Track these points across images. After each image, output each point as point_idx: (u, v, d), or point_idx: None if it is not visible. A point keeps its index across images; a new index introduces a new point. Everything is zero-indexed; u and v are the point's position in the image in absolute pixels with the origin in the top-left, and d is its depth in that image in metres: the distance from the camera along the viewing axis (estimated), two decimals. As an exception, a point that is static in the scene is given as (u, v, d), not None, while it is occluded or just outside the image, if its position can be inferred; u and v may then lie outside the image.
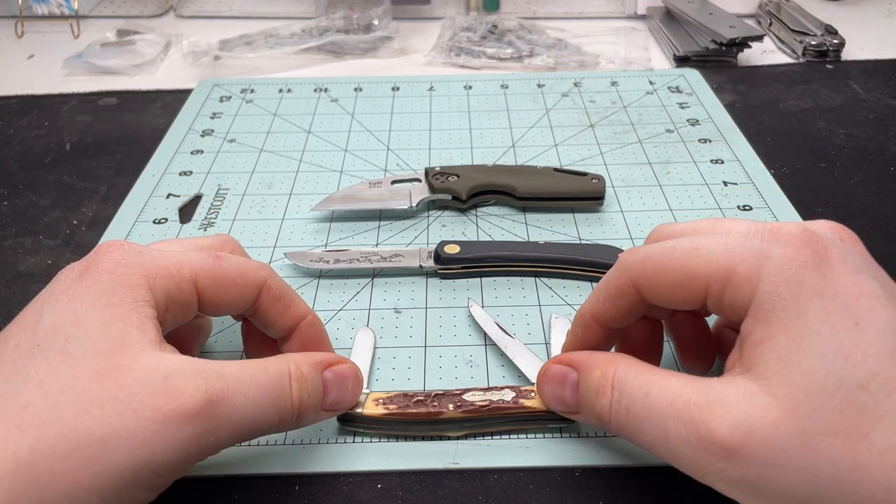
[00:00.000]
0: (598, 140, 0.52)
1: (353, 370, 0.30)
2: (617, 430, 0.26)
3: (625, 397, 0.25)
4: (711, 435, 0.22)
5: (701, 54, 0.63)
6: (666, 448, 0.24)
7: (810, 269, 0.23)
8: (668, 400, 0.24)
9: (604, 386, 0.26)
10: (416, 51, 0.68)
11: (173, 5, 0.76)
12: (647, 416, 0.24)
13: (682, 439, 0.23)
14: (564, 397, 0.28)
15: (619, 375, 0.26)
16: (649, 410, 0.24)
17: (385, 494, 0.29)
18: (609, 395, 0.26)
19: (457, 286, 0.39)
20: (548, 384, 0.29)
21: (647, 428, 0.24)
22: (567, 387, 0.28)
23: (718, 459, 0.22)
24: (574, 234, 0.43)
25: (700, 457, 0.23)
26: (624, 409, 0.25)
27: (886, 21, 0.72)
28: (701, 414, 0.23)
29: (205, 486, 0.29)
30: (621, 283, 0.27)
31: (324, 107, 0.57)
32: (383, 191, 0.45)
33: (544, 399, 0.29)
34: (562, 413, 0.29)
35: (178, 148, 0.52)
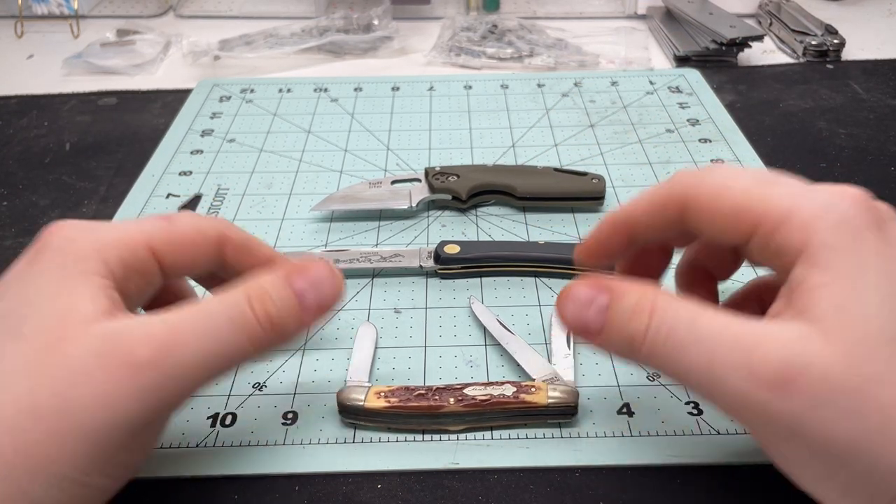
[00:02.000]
0: (598, 140, 0.52)
1: (324, 267, 0.27)
2: (648, 354, 0.24)
3: (668, 320, 0.24)
4: (765, 364, 0.22)
5: (701, 54, 0.63)
6: (707, 376, 0.23)
7: (872, 230, 0.23)
8: (717, 328, 0.23)
9: (641, 309, 0.24)
10: (416, 51, 0.68)
11: (173, 5, 0.76)
12: (692, 342, 0.23)
13: (729, 365, 0.22)
14: (587, 318, 0.25)
15: (661, 302, 0.24)
16: (696, 336, 0.23)
17: (385, 494, 0.29)
18: (647, 318, 0.24)
19: (457, 286, 0.39)
20: (571, 303, 0.25)
21: (689, 353, 0.23)
22: (593, 308, 0.25)
23: (767, 389, 0.22)
24: (574, 234, 0.43)
25: (747, 385, 0.22)
26: (664, 334, 0.23)
27: (886, 21, 0.72)
28: (755, 341, 0.22)
29: (205, 486, 0.29)
30: (671, 194, 0.27)
31: (324, 107, 0.57)
32: (383, 191, 0.45)
33: (562, 315, 0.26)
34: (577, 334, 0.26)
35: (178, 148, 0.52)
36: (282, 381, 0.34)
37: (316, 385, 0.34)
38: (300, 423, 0.32)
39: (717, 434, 0.31)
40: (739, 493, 0.29)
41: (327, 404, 0.32)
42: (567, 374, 0.32)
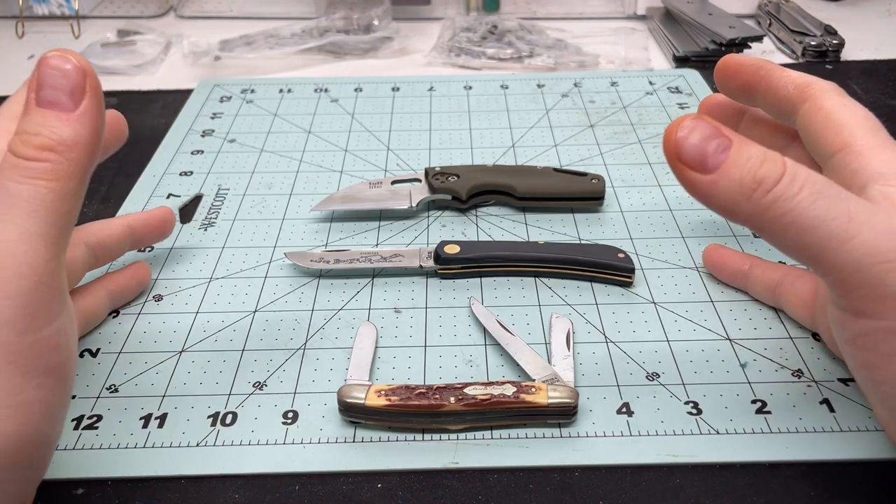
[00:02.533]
0: (598, 140, 0.52)
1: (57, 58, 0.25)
2: (772, 200, 0.23)
3: (802, 173, 0.23)
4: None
5: (701, 55, 0.63)
6: (842, 227, 0.23)
7: None
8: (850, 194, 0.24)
9: (775, 158, 0.24)
10: (416, 51, 0.68)
11: (173, 5, 0.76)
12: (831, 196, 0.23)
13: (869, 223, 0.23)
14: (706, 150, 0.24)
15: (790, 160, 0.24)
16: (837, 193, 0.23)
17: (385, 494, 0.29)
18: (781, 167, 0.23)
19: (457, 286, 0.39)
20: (695, 131, 0.24)
21: (825, 205, 0.23)
22: (716, 144, 0.24)
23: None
24: (574, 234, 0.43)
25: (886, 241, 0.22)
26: (799, 184, 0.23)
27: (886, 21, 0.72)
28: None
29: (205, 485, 0.29)
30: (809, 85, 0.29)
31: (324, 107, 0.57)
32: (383, 191, 0.45)
33: (677, 142, 0.24)
34: (689, 163, 0.24)
35: (179, 148, 0.52)
36: (282, 381, 0.34)
37: (316, 384, 0.34)
38: (300, 423, 0.32)
39: (717, 434, 0.31)
40: (739, 493, 0.29)
41: (327, 404, 0.32)
42: (567, 375, 0.32)
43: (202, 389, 0.33)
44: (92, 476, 0.30)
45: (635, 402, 0.32)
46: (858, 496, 0.28)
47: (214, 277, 0.40)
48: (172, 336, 0.36)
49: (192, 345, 0.36)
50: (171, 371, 0.34)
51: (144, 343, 0.36)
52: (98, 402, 0.33)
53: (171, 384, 0.34)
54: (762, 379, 0.33)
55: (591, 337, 0.36)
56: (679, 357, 0.34)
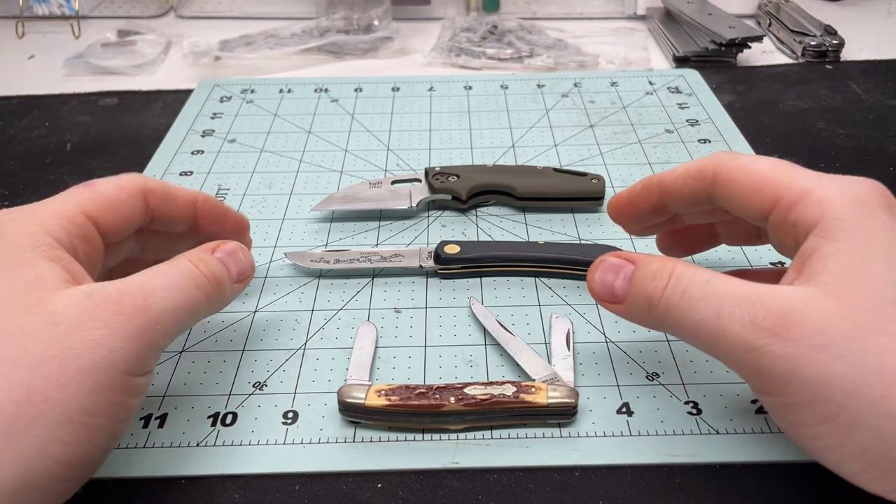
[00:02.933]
0: (598, 140, 0.52)
1: (235, 245, 0.32)
2: (664, 311, 0.27)
3: (682, 281, 0.26)
4: (766, 311, 0.24)
5: (700, 55, 0.63)
6: (715, 325, 0.25)
7: (883, 208, 0.26)
8: (728, 287, 0.25)
9: (662, 273, 0.27)
10: (416, 51, 0.68)
11: (174, 5, 0.76)
12: (703, 297, 0.25)
13: (734, 317, 0.24)
14: (614, 285, 0.29)
15: (680, 268, 0.27)
16: (707, 293, 0.25)
17: (385, 494, 0.29)
18: (666, 279, 0.27)
19: (457, 286, 0.39)
20: (600, 272, 0.29)
21: (699, 308, 0.25)
22: (620, 276, 0.28)
23: (768, 335, 0.24)
24: (574, 234, 0.43)
25: (749, 332, 0.24)
26: (679, 291, 0.26)
27: (886, 21, 0.72)
28: (759, 296, 0.24)
29: (205, 485, 0.29)
30: (705, 166, 0.29)
31: (324, 107, 0.58)
32: (383, 191, 0.45)
33: (591, 285, 0.29)
34: (604, 299, 0.29)
35: (179, 148, 0.52)
36: (282, 381, 0.34)
37: (316, 384, 0.34)
38: (300, 423, 0.32)
39: (717, 434, 0.31)
40: (738, 493, 0.29)
41: (327, 404, 0.32)
42: (567, 375, 0.32)
43: (202, 389, 0.33)
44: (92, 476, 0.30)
45: (635, 401, 0.32)
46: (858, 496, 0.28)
47: (214, 277, 0.40)
48: (172, 336, 0.36)
49: (192, 345, 0.36)
50: (171, 371, 0.34)
51: (144, 343, 0.36)
52: (98, 402, 0.33)
53: (172, 384, 0.34)
54: (762, 379, 0.33)
55: (591, 337, 0.36)
56: (679, 357, 0.35)
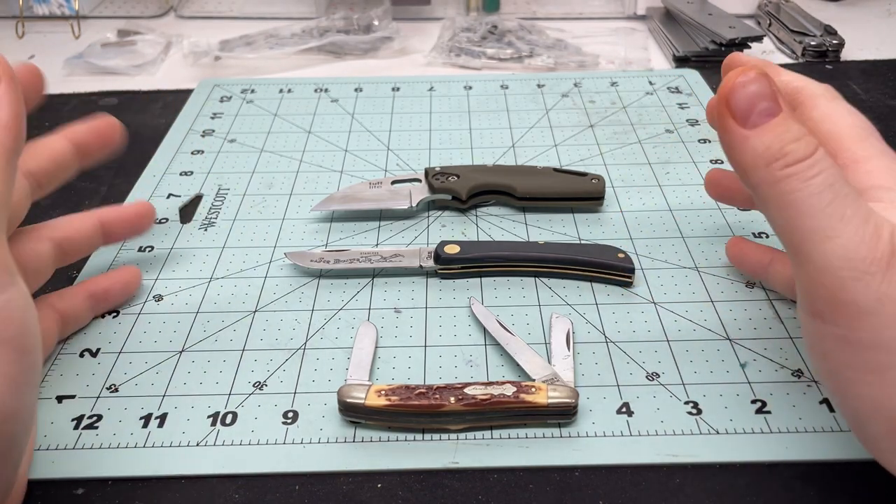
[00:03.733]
0: (598, 140, 0.52)
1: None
2: (789, 175, 0.24)
3: (829, 164, 0.23)
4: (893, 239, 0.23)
5: (700, 55, 0.63)
6: (831, 225, 0.23)
7: None
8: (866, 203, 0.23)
9: (811, 141, 0.24)
10: (416, 51, 0.68)
11: (174, 6, 0.77)
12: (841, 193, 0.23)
13: (856, 229, 0.23)
14: (754, 107, 0.24)
15: (822, 149, 0.24)
16: (847, 193, 0.23)
17: (385, 494, 0.29)
18: (813, 149, 0.24)
19: (457, 286, 0.39)
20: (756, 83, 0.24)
21: (829, 198, 0.23)
22: (764, 105, 0.24)
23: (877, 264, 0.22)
24: (574, 234, 0.43)
25: (860, 249, 0.22)
26: (822, 171, 0.23)
27: (886, 21, 0.72)
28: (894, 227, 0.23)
29: (205, 485, 0.29)
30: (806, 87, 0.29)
31: (324, 107, 0.57)
32: (383, 191, 0.45)
33: (736, 90, 0.24)
34: (732, 112, 0.25)
35: (179, 148, 0.52)
36: (282, 381, 0.34)
37: (316, 384, 0.34)
38: (300, 423, 0.32)
39: (717, 433, 0.31)
40: (739, 493, 0.29)
41: (327, 403, 0.32)
42: (567, 375, 0.32)
43: (202, 389, 0.33)
44: (92, 476, 0.30)
45: (635, 401, 0.32)
46: (858, 496, 0.28)
47: (214, 277, 0.40)
48: (172, 336, 0.36)
49: (192, 345, 0.36)
50: (171, 371, 0.34)
51: (144, 343, 0.36)
52: (98, 401, 0.33)
53: (171, 384, 0.34)
54: (762, 379, 0.33)
55: (591, 337, 0.36)
56: (679, 357, 0.35)
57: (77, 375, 0.34)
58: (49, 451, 0.30)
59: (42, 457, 0.30)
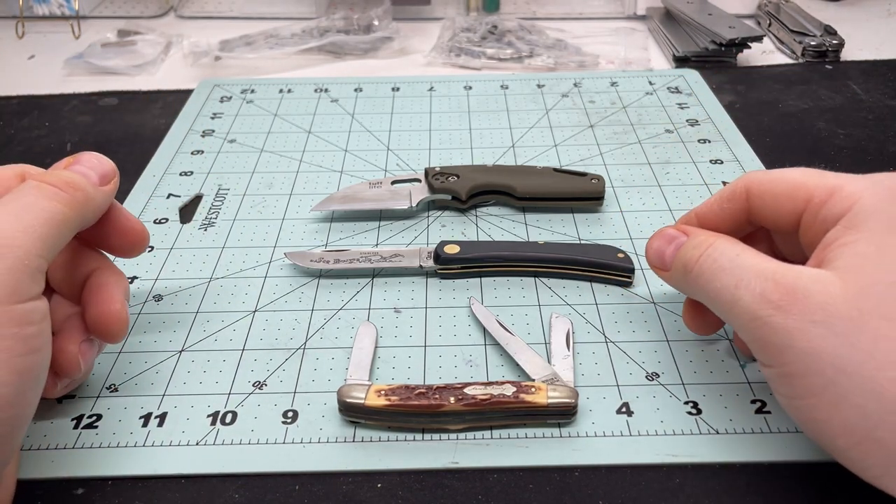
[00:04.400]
0: (598, 140, 0.52)
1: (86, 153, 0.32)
2: (695, 277, 0.29)
3: (717, 252, 0.29)
4: (776, 285, 0.26)
5: (700, 55, 0.63)
6: (730, 294, 0.27)
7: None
8: (753, 262, 0.27)
9: (704, 243, 0.29)
10: (416, 51, 0.68)
11: (174, 6, 0.77)
12: (729, 268, 0.28)
13: (748, 288, 0.26)
14: (665, 253, 0.32)
15: (721, 241, 0.29)
16: (734, 264, 0.28)
17: (385, 494, 0.29)
18: (703, 249, 0.29)
19: (457, 286, 0.39)
20: (657, 240, 0.32)
21: (723, 276, 0.28)
22: (672, 245, 0.31)
23: (772, 307, 0.25)
24: (574, 234, 0.43)
25: (757, 303, 0.26)
26: (711, 260, 0.29)
27: (886, 21, 0.72)
28: (775, 272, 0.26)
29: (205, 485, 0.29)
30: (736, 187, 0.31)
31: (324, 107, 0.58)
32: (383, 191, 0.45)
33: (647, 252, 0.33)
34: (653, 267, 0.33)
35: (179, 148, 0.52)
36: (282, 380, 0.34)
37: (316, 384, 0.34)
38: (300, 422, 0.32)
39: (716, 433, 0.31)
40: (739, 493, 0.29)
41: (327, 403, 0.32)
42: (566, 375, 0.32)
43: (202, 389, 0.33)
44: (92, 475, 0.30)
45: (635, 401, 0.32)
46: (858, 496, 0.28)
47: (214, 277, 0.40)
48: (172, 336, 0.36)
49: (192, 344, 0.36)
50: (170, 370, 0.34)
51: (144, 343, 0.36)
52: (98, 401, 0.33)
53: (171, 383, 0.34)
54: (762, 379, 0.33)
55: (591, 337, 0.36)
56: (679, 357, 0.35)
57: (77, 375, 0.34)
58: (49, 451, 0.31)
59: (42, 456, 0.30)
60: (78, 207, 0.29)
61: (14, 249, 0.25)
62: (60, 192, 0.28)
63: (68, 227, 0.28)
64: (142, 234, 0.34)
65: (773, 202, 0.30)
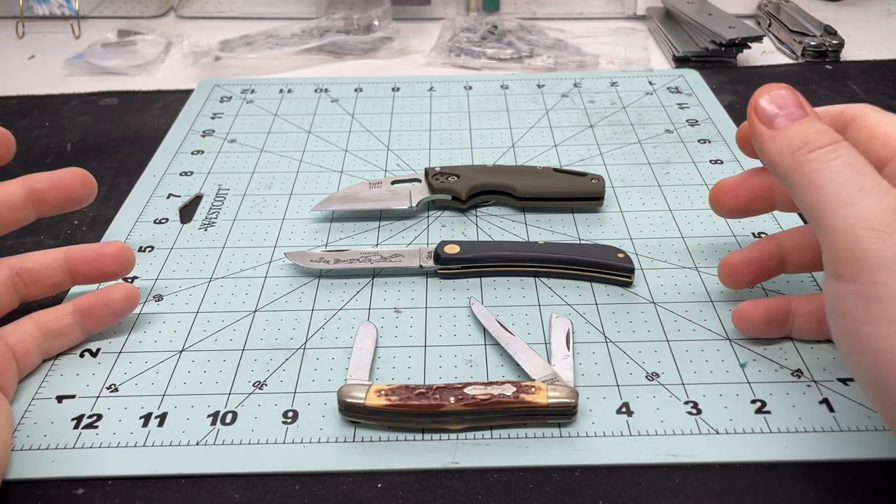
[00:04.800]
0: (598, 140, 0.52)
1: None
2: (811, 159, 0.27)
3: (847, 151, 0.27)
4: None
5: (700, 55, 0.63)
6: (850, 195, 0.25)
7: None
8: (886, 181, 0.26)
9: (831, 134, 0.27)
10: (416, 51, 0.68)
11: (174, 6, 0.77)
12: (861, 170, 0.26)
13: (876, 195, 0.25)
14: (775, 115, 0.29)
15: (844, 141, 0.27)
16: (868, 170, 0.26)
17: (385, 494, 0.29)
18: (834, 138, 0.27)
19: (457, 286, 0.39)
20: (775, 93, 0.30)
21: (848, 174, 0.26)
22: (784, 113, 0.29)
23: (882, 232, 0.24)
24: (574, 234, 0.43)
25: (880, 211, 0.25)
26: (846, 154, 0.26)
27: (886, 21, 0.72)
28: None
29: (205, 485, 0.29)
30: (846, 109, 0.31)
31: (324, 107, 0.58)
32: (383, 191, 0.45)
33: (757, 98, 0.30)
34: (755, 118, 0.30)
35: (179, 148, 0.52)
36: (282, 380, 0.34)
37: (316, 384, 0.34)
38: (300, 422, 0.32)
39: (716, 433, 0.31)
40: (739, 493, 0.29)
41: (327, 403, 0.32)
42: (566, 375, 0.32)
43: (202, 389, 0.33)
44: (92, 475, 0.30)
45: (635, 401, 0.32)
46: (858, 496, 0.28)
47: (214, 277, 0.40)
48: (172, 336, 0.36)
49: (192, 344, 0.36)
50: (171, 370, 0.34)
51: (144, 343, 0.36)
52: (98, 401, 0.33)
53: (171, 383, 0.34)
54: (762, 379, 0.33)
55: (591, 337, 0.36)
56: (679, 357, 0.35)
57: (77, 375, 0.34)
58: (49, 451, 0.31)
59: (42, 456, 0.30)
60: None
61: None
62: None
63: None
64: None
65: (868, 140, 0.29)
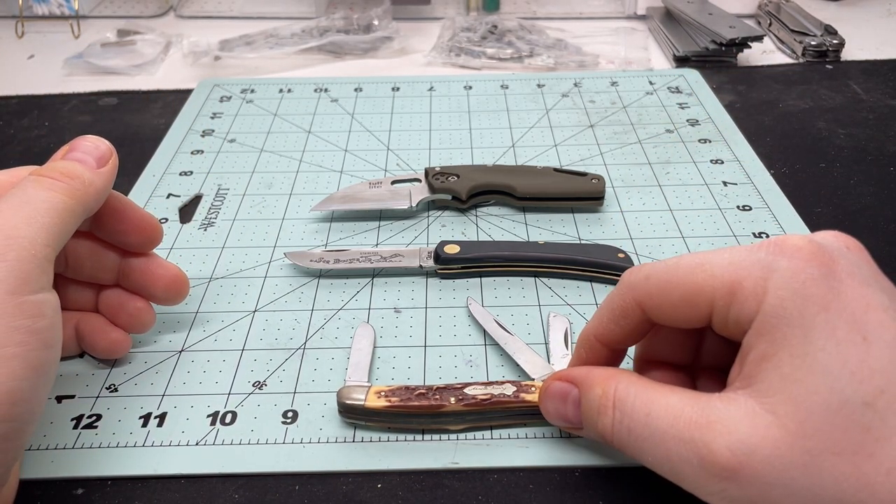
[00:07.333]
0: (598, 140, 0.52)
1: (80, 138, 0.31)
2: (620, 448, 0.26)
3: (626, 417, 0.25)
4: (712, 456, 0.22)
5: (701, 54, 0.63)
6: (669, 468, 0.24)
7: (817, 282, 0.22)
8: (670, 420, 0.24)
9: (605, 405, 0.26)
10: (416, 51, 0.68)
11: (173, 5, 0.76)
12: (648, 437, 0.24)
13: (683, 460, 0.23)
14: (567, 414, 0.28)
15: (620, 394, 0.25)
16: (651, 431, 0.24)
17: (385, 494, 0.29)
18: (611, 414, 0.26)
19: (457, 286, 0.39)
20: (550, 401, 0.29)
21: (648, 448, 0.24)
22: (569, 404, 0.28)
23: (719, 480, 0.22)
24: (574, 234, 0.43)
25: (702, 477, 0.23)
26: (626, 430, 0.25)
27: (886, 21, 0.72)
28: (702, 434, 0.23)
29: (205, 485, 0.29)
30: (625, 302, 0.27)
31: (324, 107, 0.57)
32: (383, 191, 0.45)
33: (548, 416, 0.29)
34: (566, 429, 0.29)
35: (179, 148, 0.52)
36: (282, 380, 0.34)
37: (316, 384, 0.34)
38: (300, 422, 0.32)
39: (717, 433, 0.31)
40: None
41: (327, 403, 0.32)
42: (566, 374, 0.32)
43: (202, 389, 0.33)
44: (92, 475, 0.30)
45: (635, 401, 0.32)
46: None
47: (214, 277, 0.40)
48: (172, 336, 0.36)
49: (192, 344, 0.36)
50: (170, 370, 0.34)
51: (144, 343, 0.36)
52: (98, 401, 0.33)
53: (171, 383, 0.34)
54: (762, 379, 0.33)
55: (591, 337, 0.36)
56: (679, 357, 0.34)
57: (77, 375, 0.34)
58: (49, 451, 0.30)
59: (42, 456, 0.30)
60: (78, 195, 0.29)
61: (19, 240, 0.26)
62: (58, 183, 0.28)
63: (71, 215, 0.28)
64: (156, 227, 0.34)
65: (672, 312, 0.26)
